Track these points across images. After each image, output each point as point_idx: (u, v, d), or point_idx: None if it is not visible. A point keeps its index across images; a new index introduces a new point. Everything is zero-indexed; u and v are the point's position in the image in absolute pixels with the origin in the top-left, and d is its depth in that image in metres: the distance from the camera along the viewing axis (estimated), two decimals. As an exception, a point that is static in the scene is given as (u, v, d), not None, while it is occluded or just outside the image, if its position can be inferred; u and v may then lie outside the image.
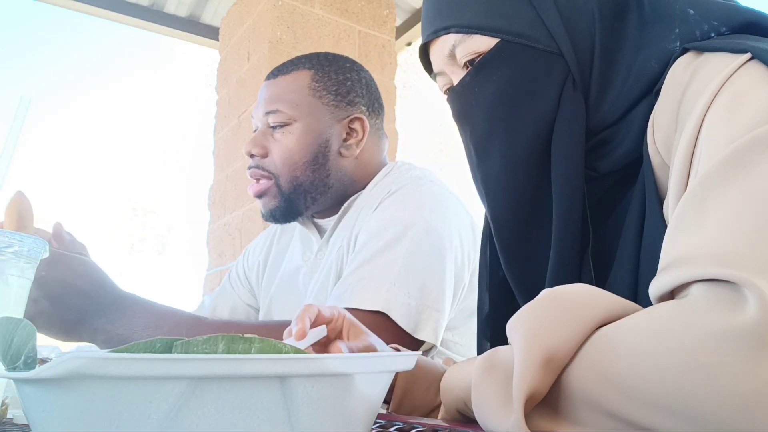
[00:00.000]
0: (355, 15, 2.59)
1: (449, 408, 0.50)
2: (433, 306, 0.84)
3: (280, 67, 1.03)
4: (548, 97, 0.54)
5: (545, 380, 0.36)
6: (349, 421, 0.34)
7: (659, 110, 0.49)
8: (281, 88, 0.99)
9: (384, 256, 0.86)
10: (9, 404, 0.49)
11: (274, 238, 1.17)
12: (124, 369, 0.27)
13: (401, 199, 0.94)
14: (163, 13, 2.83)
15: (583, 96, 0.54)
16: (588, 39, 0.55)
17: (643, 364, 0.32)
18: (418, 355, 0.40)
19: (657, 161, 0.49)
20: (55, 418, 0.28)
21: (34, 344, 0.35)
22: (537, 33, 0.55)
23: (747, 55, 0.43)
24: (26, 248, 0.50)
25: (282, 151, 0.97)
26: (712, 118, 0.42)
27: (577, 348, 0.36)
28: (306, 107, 0.98)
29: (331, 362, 0.33)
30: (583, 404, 0.35)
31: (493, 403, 0.37)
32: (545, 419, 0.37)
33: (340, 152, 1.00)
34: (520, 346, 0.36)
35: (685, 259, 0.36)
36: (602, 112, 0.54)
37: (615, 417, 0.34)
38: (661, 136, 0.48)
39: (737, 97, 0.41)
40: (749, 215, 0.35)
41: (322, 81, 1.00)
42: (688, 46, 0.48)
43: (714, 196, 0.37)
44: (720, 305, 0.31)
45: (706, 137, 0.42)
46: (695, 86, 0.45)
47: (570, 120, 0.54)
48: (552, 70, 0.55)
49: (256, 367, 0.30)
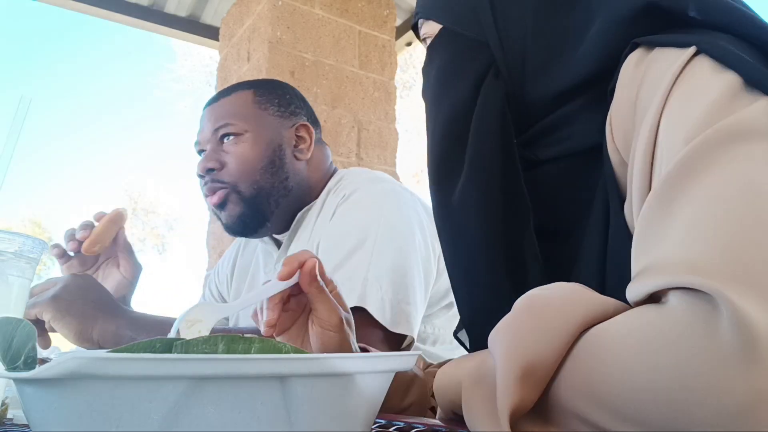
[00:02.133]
0: (355, 15, 2.59)
1: (445, 410, 0.51)
2: (405, 300, 0.86)
3: (220, 92, 1.07)
4: (469, 82, 0.58)
5: (529, 393, 0.36)
6: (349, 421, 0.34)
7: (615, 109, 0.49)
8: (227, 106, 1.03)
9: (352, 259, 0.87)
10: (9, 404, 0.49)
11: (239, 252, 1.20)
12: (124, 369, 0.27)
13: (358, 202, 0.96)
14: (163, 13, 2.84)
15: (510, 84, 0.57)
16: (519, 30, 0.57)
17: (630, 382, 0.32)
18: (417, 355, 0.40)
19: (617, 159, 0.49)
20: (55, 418, 0.28)
21: (34, 344, 0.35)
22: (469, 22, 0.59)
23: (693, 49, 0.43)
24: (26, 248, 0.50)
25: (238, 160, 0.99)
26: (668, 118, 0.42)
27: (562, 356, 0.36)
28: (254, 119, 1.01)
29: (331, 362, 0.33)
30: (572, 417, 0.35)
31: (483, 417, 0.38)
32: (536, 427, 0.37)
33: (295, 155, 1.03)
34: (500, 360, 0.37)
35: (655, 266, 0.35)
36: (537, 101, 0.56)
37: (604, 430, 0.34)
38: (620, 135, 0.48)
39: (689, 94, 0.41)
40: (714, 216, 0.34)
41: (264, 95, 1.04)
42: (638, 41, 0.48)
43: (678, 197, 0.37)
44: (699, 319, 0.31)
45: (663, 136, 0.42)
46: (648, 84, 0.45)
47: (486, 105, 0.57)
48: (476, 58, 0.58)
49: (256, 367, 0.30)
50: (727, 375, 0.29)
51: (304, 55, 2.40)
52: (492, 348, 0.39)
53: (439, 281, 0.97)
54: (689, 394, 0.30)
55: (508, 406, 0.35)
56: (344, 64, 2.50)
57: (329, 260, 0.88)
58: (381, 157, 2.50)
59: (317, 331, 0.58)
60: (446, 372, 0.51)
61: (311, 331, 0.59)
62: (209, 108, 1.04)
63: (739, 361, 0.29)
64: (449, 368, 0.51)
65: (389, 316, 0.83)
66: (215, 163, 1.00)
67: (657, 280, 0.34)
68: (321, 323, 0.57)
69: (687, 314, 0.32)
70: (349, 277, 0.85)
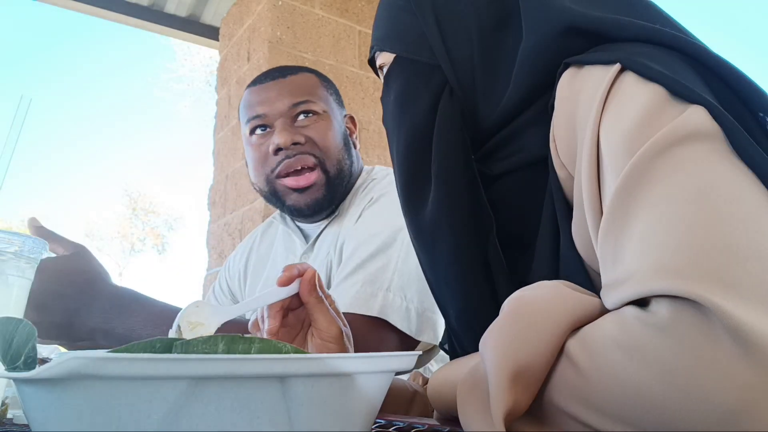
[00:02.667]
0: (355, 15, 2.59)
1: (441, 412, 0.51)
2: (431, 308, 0.85)
3: (281, 69, 1.05)
4: (426, 104, 0.60)
5: (522, 396, 0.36)
6: (349, 421, 0.34)
7: (556, 126, 0.50)
8: (300, 84, 1.01)
9: (376, 262, 0.86)
10: (9, 404, 0.49)
11: (254, 246, 1.17)
12: (124, 369, 0.27)
13: (385, 206, 0.95)
14: (163, 13, 2.84)
15: (465, 102, 0.59)
16: (467, 50, 0.59)
17: (624, 389, 0.33)
18: (418, 355, 0.40)
19: (563, 174, 0.50)
20: (55, 418, 0.28)
21: (34, 344, 0.35)
22: (420, 48, 0.61)
23: (617, 66, 0.45)
24: (26, 248, 0.50)
25: (323, 136, 0.99)
26: (605, 131, 0.43)
27: (552, 358, 0.36)
28: (326, 100, 1.03)
29: (331, 362, 0.33)
30: (567, 419, 0.36)
31: (479, 423, 0.38)
32: (533, 428, 0.38)
33: (353, 143, 1.07)
34: (491, 366, 0.37)
35: (630, 274, 0.35)
36: (488, 118, 0.58)
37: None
38: (564, 150, 0.50)
39: (620, 107, 0.43)
40: (674, 218, 0.35)
41: (325, 82, 1.06)
42: (568, 61, 0.50)
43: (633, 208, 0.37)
44: (685, 326, 0.31)
45: (605, 150, 0.43)
46: (583, 101, 0.47)
47: (444, 123, 0.59)
48: (431, 80, 0.60)
49: (256, 367, 0.30)
50: (721, 376, 0.30)
51: (304, 55, 2.40)
52: (482, 353, 0.39)
53: None
54: (684, 396, 0.30)
55: (502, 410, 0.35)
56: (344, 64, 2.50)
57: (355, 259, 0.88)
58: (381, 157, 2.50)
59: (317, 343, 0.59)
60: (441, 374, 0.51)
61: (311, 343, 0.60)
62: (276, 82, 1.02)
63: (733, 362, 0.30)
64: (443, 371, 0.51)
65: (415, 324, 0.83)
66: (301, 137, 0.97)
67: (634, 289, 0.35)
68: (320, 335, 0.59)
69: (672, 320, 0.32)
70: (371, 281, 0.84)
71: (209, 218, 2.64)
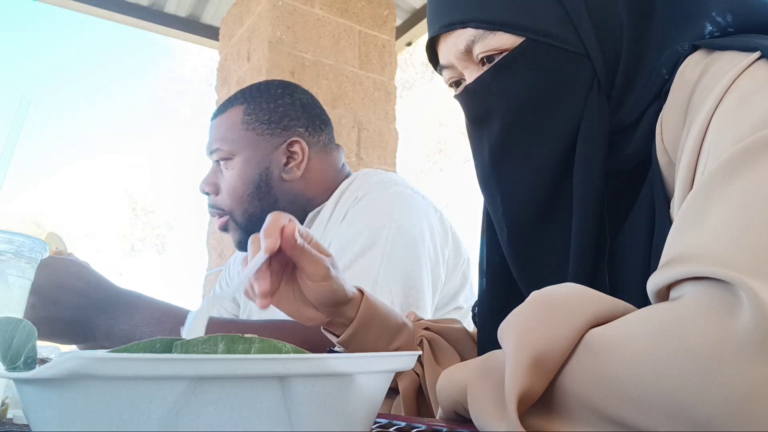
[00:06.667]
0: (355, 15, 2.59)
1: (446, 409, 0.51)
2: (415, 304, 0.86)
3: (220, 106, 1.07)
4: (574, 101, 0.52)
5: (537, 382, 0.36)
6: (349, 421, 0.34)
7: (668, 109, 0.48)
8: (218, 128, 1.04)
9: (362, 260, 0.87)
10: (9, 404, 0.49)
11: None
12: (124, 369, 0.27)
13: (369, 205, 0.95)
14: (163, 13, 2.83)
15: (608, 100, 0.53)
16: (615, 40, 0.52)
17: (639, 369, 0.32)
18: (418, 355, 0.40)
19: (664, 160, 0.49)
20: (55, 418, 0.28)
21: (34, 344, 0.35)
22: (565, 33, 0.52)
23: (756, 54, 0.43)
24: (26, 248, 0.50)
25: (228, 188, 1.01)
26: (719, 118, 0.42)
27: (570, 349, 0.36)
28: (241, 141, 1.01)
29: (331, 362, 0.33)
30: (579, 406, 0.35)
31: (489, 406, 0.38)
32: (541, 419, 0.37)
33: (282, 177, 1.02)
34: (510, 349, 0.37)
35: (682, 256, 0.36)
36: (621, 114, 0.53)
37: (610, 419, 0.34)
38: (669, 135, 0.48)
39: (745, 96, 0.41)
40: (749, 215, 0.35)
41: (254, 113, 1.02)
42: (698, 44, 0.47)
43: (717, 195, 0.37)
44: (713, 307, 0.31)
45: (713, 136, 0.42)
46: (704, 85, 0.45)
47: (595, 124, 0.52)
48: (578, 73, 0.52)
49: (256, 367, 0.30)
50: (744, 360, 0.29)
51: (304, 55, 2.40)
52: (502, 338, 0.39)
53: (447, 285, 0.97)
54: (699, 381, 0.30)
55: (516, 392, 0.35)
56: (344, 64, 2.50)
57: (341, 259, 0.88)
58: (381, 157, 2.50)
59: (309, 285, 0.59)
60: (450, 373, 0.51)
61: (303, 286, 0.60)
62: (210, 125, 1.06)
63: (759, 346, 0.29)
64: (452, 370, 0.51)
65: None
66: (210, 187, 1.03)
67: (677, 270, 0.35)
68: (310, 277, 0.58)
69: (699, 302, 0.32)
70: (358, 279, 0.85)
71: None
